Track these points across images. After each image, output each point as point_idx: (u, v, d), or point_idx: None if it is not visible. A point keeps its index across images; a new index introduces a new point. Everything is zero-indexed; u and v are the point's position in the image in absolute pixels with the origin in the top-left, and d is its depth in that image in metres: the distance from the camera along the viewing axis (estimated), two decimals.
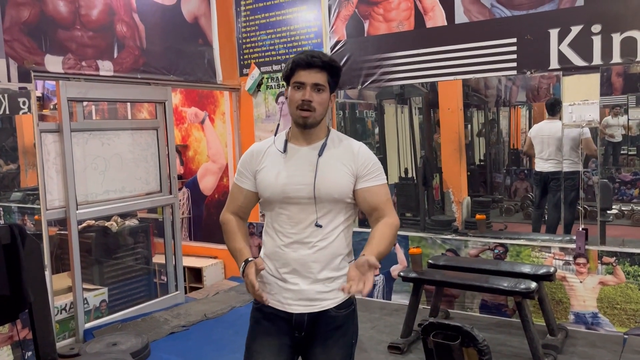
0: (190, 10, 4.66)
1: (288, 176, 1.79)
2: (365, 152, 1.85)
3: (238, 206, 1.92)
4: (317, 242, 1.78)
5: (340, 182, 1.78)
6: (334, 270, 1.80)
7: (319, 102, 1.76)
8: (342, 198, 1.79)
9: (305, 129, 1.80)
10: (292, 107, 1.78)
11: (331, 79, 1.79)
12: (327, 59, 1.78)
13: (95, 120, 5.45)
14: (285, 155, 1.83)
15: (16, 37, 3.39)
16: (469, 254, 4.09)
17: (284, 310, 1.80)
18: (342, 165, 1.80)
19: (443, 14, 4.03)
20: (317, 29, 4.66)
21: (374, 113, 6.53)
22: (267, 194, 1.82)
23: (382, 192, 1.82)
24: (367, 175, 1.81)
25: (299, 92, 1.76)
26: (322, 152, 1.80)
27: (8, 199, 4.53)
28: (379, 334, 3.81)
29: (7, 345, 3.34)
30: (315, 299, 1.79)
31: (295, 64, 1.77)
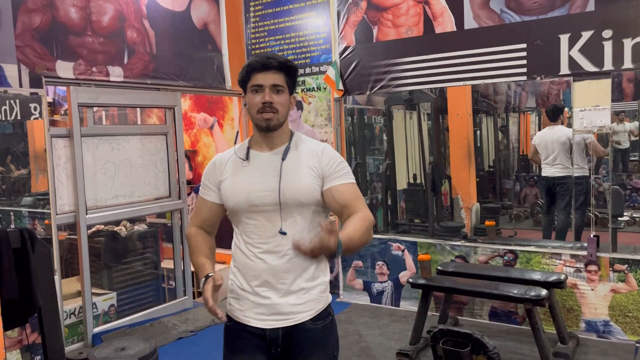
0: (199, 17, 4.69)
1: (251, 184, 1.73)
2: (330, 152, 1.78)
3: (203, 219, 1.86)
4: (288, 251, 1.68)
5: (306, 185, 1.71)
6: (308, 280, 1.72)
7: (280, 102, 1.71)
8: (310, 202, 1.71)
9: (268, 132, 1.73)
10: (253, 112, 1.72)
11: (289, 80, 1.74)
12: (283, 60, 1.73)
13: (105, 126, 5.49)
14: (247, 162, 1.77)
15: (28, 43, 3.42)
16: (478, 260, 4.06)
17: (257, 326, 1.72)
18: (306, 168, 1.73)
19: (452, 20, 4.02)
20: (325, 35, 4.67)
21: (382, 119, 6.53)
22: (232, 204, 1.76)
23: (351, 190, 1.73)
24: (333, 174, 1.73)
25: (258, 95, 1.70)
26: (285, 156, 1.74)
27: (19, 204, 4.56)
28: (387, 340, 3.79)
29: (17, 349, 3.35)
30: (289, 312, 1.70)
31: (251, 67, 1.71)
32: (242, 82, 1.76)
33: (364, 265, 4.58)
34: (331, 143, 4.74)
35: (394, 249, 4.43)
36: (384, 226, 5.78)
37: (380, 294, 4.52)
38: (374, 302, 4.55)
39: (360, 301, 4.60)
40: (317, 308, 1.74)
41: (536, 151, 5.33)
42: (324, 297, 1.77)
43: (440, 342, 2.40)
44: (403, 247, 4.39)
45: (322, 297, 1.76)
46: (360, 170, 5.88)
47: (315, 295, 1.73)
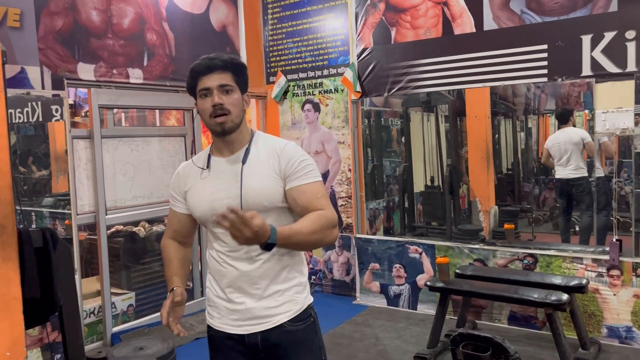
0: (218, 19, 4.71)
1: (213, 192, 1.67)
2: (291, 149, 1.67)
3: (174, 231, 1.83)
4: (259, 256, 1.63)
5: (268, 187, 1.63)
6: (281, 283, 1.67)
7: (231, 103, 1.62)
8: (273, 204, 1.64)
9: (225, 136, 1.65)
10: (205, 117, 1.64)
11: (238, 78, 1.66)
12: (227, 58, 1.65)
13: (125, 127, 5.54)
14: (208, 170, 1.71)
15: (50, 45, 3.47)
16: (497, 264, 4.01)
17: (235, 332, 1.68)
18: (267, 169, 1.65)
19: (472, 21, 3.99)
20: (343, 37, 4.66)
21: (399, 121, 6.51)
22: (197, 214, 1.72)
23: (314, 190, 1.63)
24: (295, 173, 1.64)
25: (207, 99, 1.62)
26: (245, 159, 1.66)
27: (40, 204, 4.63)
28: (404, 343, 3.76)
29: (37, 347, 3.39)
30: (266, 315, 1.65)
31: (195, 72, 1.64)
32: (190, 88, 1.68)
33: (380, 268, 4.56)
34: (348, 145, 4.73)
35: (411, 251, 4.40)
36: (400, 229, 5.75)
37: (397, 296, 4.49)
38: (390, 305, 4.52)
39: (377, 304, 4.57)
40: (295, 309, 1.68)
41: (549, 155, 5.28)
42: (302, 297, 1.71)
43: (460, 346, 2.37)
44: (421, 249, 4.36)
45: (299, 298, 1.70)
46: (377, 173, 5.85)
47: (291, 296, 1.68)
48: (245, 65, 1.70)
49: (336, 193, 4.83)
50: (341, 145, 4.78)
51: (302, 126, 4.97)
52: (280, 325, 1.66)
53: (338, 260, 4.85)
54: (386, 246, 4.53)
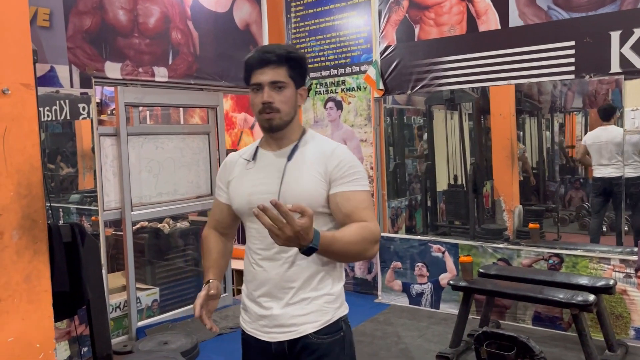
0: (242, 18, 4.75)
1: (254, 185, 1.62)
2: (341, 153, 1.60)
3: (217, 221, 1.79)
4: (290, 259, 1.56)
5: (309, 188, 1.55)
6: (312, 290, 1.58)
7: (281, 101, 1.56)
8: (313, 207, 1.50)
9: (272, 132, 1.61)
10: (255, 112, 1.61)
11: (293, 73, 1.58)
12: (283, 51, 1.56)
13: (150, 125, 5.62)
14: (253, 162, 1.67)
15: (79, 44, 3.54)
16: (521, 263, 3.96)
17: (263, 339, 1.62)
18: (313, 170, 1.57)
19: (497, 18, 3.95)
20: (366, 34, 4.65)
21: (422, 119, 6.47)
22: (235, 206, 1.68)
23: (360, 199, 1.55)
24: (341, 179, 1.56)
25: (259, 94, 1.57)
26: (291, 156, 1.61)
27: (67, 201, 4.72)
28: (426, 342, 3.74)
29: (65, 340, 3.47)
30: (292, 324, 1.57)
31: (249, 65, 1.58)
32: (245, 81, 1.64)
33: (403, 267, 4.54)
34: (370, 143, 4.73)
35: (434, 250, 4.37)
36: (423, 227, 5.72)
37: (419, 295, 4.47)
38: (413, 304, 4.50)
39: (399, 302, 4.56)
40: (323, 320, 1.58)
41: (586, 152, 5.16)
42: (332, 308, 1.61)
43: (484, 345, 2.35)
44: (443, 248, 4.33)
45: (329, 309, 1.60)
46: (399, 171, 5.83)
47: (320, 306, 1.58)
48: (304, 57, 1.63)
49: None
50: (363, 143, 4.77)
51: (325, 124, 4.98)
52: (305, 336, 1.57)
53: None
54: (408, 245, 4.51)
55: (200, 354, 3.58)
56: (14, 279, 2.27)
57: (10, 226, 2.25)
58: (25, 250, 2.30)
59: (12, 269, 2.25)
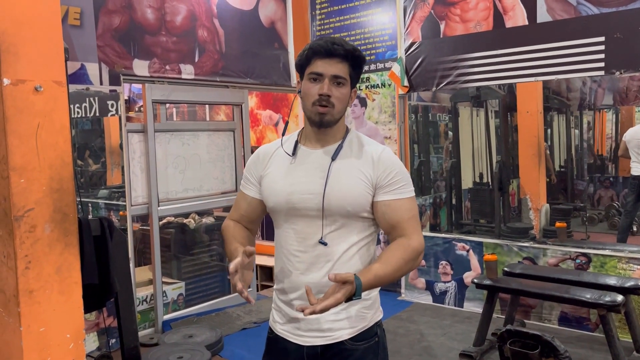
0: (267, 15, 4.78)
1: (294, 183, 1.54)
2: (388, 158, 1.55)
3: (241, 215, 1.70)
4: (328, 263, 1.52)
5: (355, 192, 1.51)
6: None
7: (338, 97, 1.50)
8: (357, 212, 1.51)
9: (320, 127, 1.54)
10: (308, 103, 1.52)
11: (353, 72, 1.54)
12: (350, 48, 1.51)
13: (177, 122, 5.71)
14: (294, 159, 1.58)
15: (108, 42, 3.62)
16: (547, 263, 3.91)
17: (295, 342, 1.57)
18: (359, 173, 1.52)
19: (524, 13, 3.89)
20: (391, 31, 4.63)
21: (447, 116, 6.41)
22: (271, 204, 1.59)
23: (405, 208, 1.51)
24: (388, 186, 1.51)
25: (316, 85, 1.50)
26: (336, 156, 1.54)
27: (96, 196, 4.83)
28: (450, 341, 3.73)
29: (94, 331, 3.56)
30: (327, 329, 1.53)
31: (313, 51, 1.51)
32: (300, 66, 1.56)
33: (427, 265, 4.52)
34: (395, 140, 4.71)
35: (458, 248, 4.34)
36: (447, 226, 5.68)
37: (443, 293, 4.44)
38: (436, 302, 4.48)
39: (422, 300, 4.54)
40: (360, 326, 1.55)
41: (626, 148, 5.07)
42: (369, 314, 1.58)
43: (508, 343, 2.34)
44: (468, 247, 4.29)
45: (366, 315, 1.57)
46: (423, 169, 5.79)
47: (357, 312, 1.55)
48: (365, 59, 1.58)
49: None
50: (387, 140, 4.76)
51: (348, 121, 4.98)
52: (340, 342, 1.54)
53: None
54: (432, 242, 4.49)
55: (224, 348, 3.63)
56: (46, 271, 2.34)
57: (43, 219, 2.32)
58: (57, 242, 2.37)
59: (44, 260, 2.32)
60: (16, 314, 2.25)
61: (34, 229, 2.29)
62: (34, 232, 2.29)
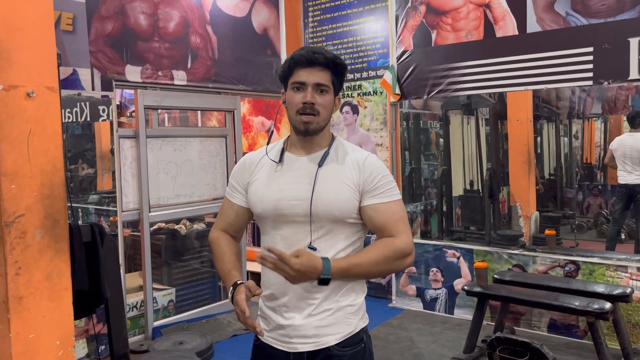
0: (260, 22, 4.80)
1: (282, 190, 1.56)
2: (373, 163, 1.58)
3: (228, 223, 1.71)
4: None
5: (342, 197, 1.53)
6: (335, 302, 1.55)
7: (322, 104, 1.53)
8: (344, 217, 1.53)
9: (306, 136, 1.57)
10: (292, 112, 1.55)
11: (335, 79, 1.56)
12: (331, 56, 1.55)
13: (169, 128, 5.70)
14: (280, 166, 1.60)
15: (100, 48, 3.62)
16: (537, 270, 3.94)
17: (281, 348, 1.57)
18: (345, 179, 1.55)
19: (514, 23, 3.94)
20: (383, 39, 4.67)
21: (438, 124, 6.45)
22: (259, 210, 1.60)
23: (392, 211, 1.54)
24: (374, 190, 1.54)
25: (299, 93, 1.53)
26: (322, 163, 1.56)
27: (86, 201, 4.80)
28: (440, 348, 3.74)
29: (83, 338, 3.53)
30: (314, 335, 1.54)
31: (295, 61, 1.54)
32: (283, 77, 1.59)
33: (417, 272, 4.54)
34: (386, 147, 4.74)
35: (449, 255, 4.37)
36: (438, 233, 5.70)
37: (433, 300, 4.46)
38: (427, 309, 4.49)
39: (413, 307, 4.56)
40: (346, 332, 1.56)
41: (613, 157, 5.15)
42: (355, 320, 1.58)
43: (497, 350, 2.35)
44: (459, 254, 4.32)
45: (352, 320, 1.58)
46: (415, 176, 5.82)
47: (343, 318, 1.56)
48: (346, 66, 1.61)
49: None
50: (379, 147, 4.79)
51: (340, 128, 5.00)
52: (327, 347, 1.54)
53: None
54: (423, 249, 4.51)
55: (215, 355, 3.62)
56: (36, 277, 2.33)
57: (33, 226, 2.31)
58: (47, 249, 2.36)
59: (34, 267, 2.31)
60: (5, 321, 2.24)
61: (25, 235, 2.28)
62: (24, 238, 2.28)
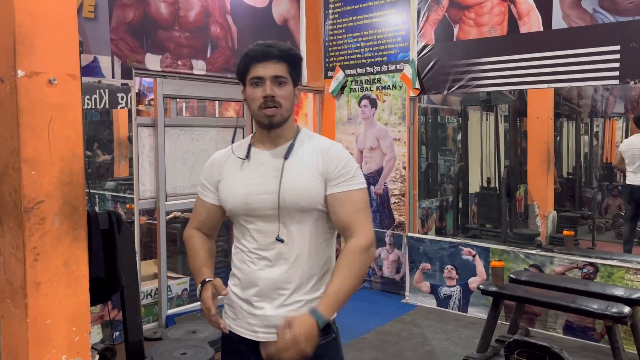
0: (280, 13, 4.77)
1: (250, 185, 1.58)
2: (336, 150, 1.59)
3: (201, 221, 1.74)
4: (286, 260, 1.55)
5: (308, 187, 1.54)
6: (306, 293, 1.56)
7: (282, 96, 1.54)
8: (312, 206, 1.55)
9: (271, 129, 1.58)
10: (254, 107, 1.56)
11: (292, 70, 1.58)
12: (285, 48, 1.58)
13: (186, 117, 5.71)
14: (247, 161, 1.62)
15: (121, 36, 3.62)
16: (554, 271, 3.89)
17: (249, 338, 1.59)
18: (310, 168, 1.56)
19: (539, 19, 3.86)
20: (404, 33, 4.61)
21: (456, 119, 6.39)
22: (230, 206, 1.62)
23: (354, 200, 1.54)
24: (337, 178, 1.55)
25: (259, 88, 1.54)
26: (288, 155, 1.58)
27: (102, 188, 4.84)
28: (453, 346, 3.71)
29: (98, 324, 3.56)
30: None
31: (249, 57, 1.56)
32: (240, 74, 1.61)
33: (432, 268, 4.50)
34: (404, 142, 4.69)
35: (464, 253, 4.33)
36: (453, 229, 5.66)
37: (447, 298, 4.43)
38: (440, 306, 4.46)
39: (426, 304, 4.53)
40: None
41: (622, 159, 5.07)
42: None
43: (515, 353, 2.32)
44: (474, 252, 4.27)
45: None
46: (431, 171, 5.77)
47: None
48: (302, 57, 1.62)
49: (389, 190, 4.81)
50: (397, 142, 4.75)
51: (358, 122, 4.97)
52: None
53: (388, 257, 4.83)
54: (438, 246, 4.48)
55: None
56: (54, 264, 2.34)
57: (52, 212, 2.32)
58: (65, 235, 2.37)
59: (52, 253, 2.32)
60: (23, 306, 2.25)
61: (43, 221, 2.29)
62: (43, 225, 2.29)
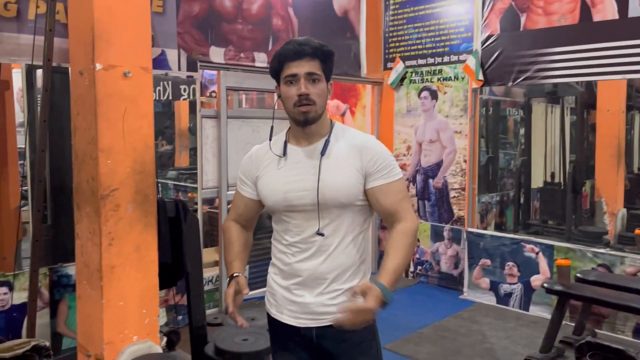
0: (341, 4, 4.75)
1: (289, 182, 1.63)
2: (373, 145, 1.63)
3: (239, 214, 1.80)
4: (325, 252, 1.61)
5: (347, 183, 1.59)
6: (344, 282, 1.63)
7: (317, 93, 1.57)
8: (351, 201, 1.60)
9: (306, 126, 1.61)
10: (289, 105, 1.59)
11: (325, 66, 1.60)
12: (317, 44, 1.59)
13: (248, 109, 5.81)
14: (285, 158, 1.65)
15: (187, 29, 3.72)
16: (625, 271, 3.71)
17: (291, 324, 1.66)
18: (347, 164, 1.60)
19: (614, 7, 3.67)
20: (467, 23, 4.50)
21: (518, 111, 6.18)
22: (270, 203, 1.68)
23: (395, 190, 1.61)
24: (377, 172, 1.60)
25: (293, 86, 1.57)
26: (324, 151, 1.61)
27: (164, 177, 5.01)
28: (513, 344, 3.62)
29: (163, 307, 3.71)
30: (322, 312, 1.62)
31: (283, 56, 1.58)
32: (274, 72, 1.63)
33: (492, 265, 4.40)
34: (465, 135, 4.59)
35: (527, 250, 4.20)
36: (514, 225, 5.50)
37: (508, 295, 4.32)
38: (500, 304, 4.36)
39: (485, 301, 4.43)
40: None
41: None
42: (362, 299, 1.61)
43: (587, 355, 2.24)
44: (537, 249, 4.14)
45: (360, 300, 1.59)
46: (491, 165, 5.62)
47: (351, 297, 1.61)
48: (333, 52, 1.64)
49: (449, 184, 4.72)
50: (457, 135, 4.65)
51: (417, 113, 4.90)
52: None
53: (447, 252, 4.76)
54: (499, 242, 4.37)
55: None
56: (126, 249, 2.46)
57: (126, 199, 2.43)
58: (137, 222, 2.48)
59: (125, 239, 2.44)
60: (99, 288, 2.38)
61: (118, 208, 2.40)
62: (117, 211, 2.40)
